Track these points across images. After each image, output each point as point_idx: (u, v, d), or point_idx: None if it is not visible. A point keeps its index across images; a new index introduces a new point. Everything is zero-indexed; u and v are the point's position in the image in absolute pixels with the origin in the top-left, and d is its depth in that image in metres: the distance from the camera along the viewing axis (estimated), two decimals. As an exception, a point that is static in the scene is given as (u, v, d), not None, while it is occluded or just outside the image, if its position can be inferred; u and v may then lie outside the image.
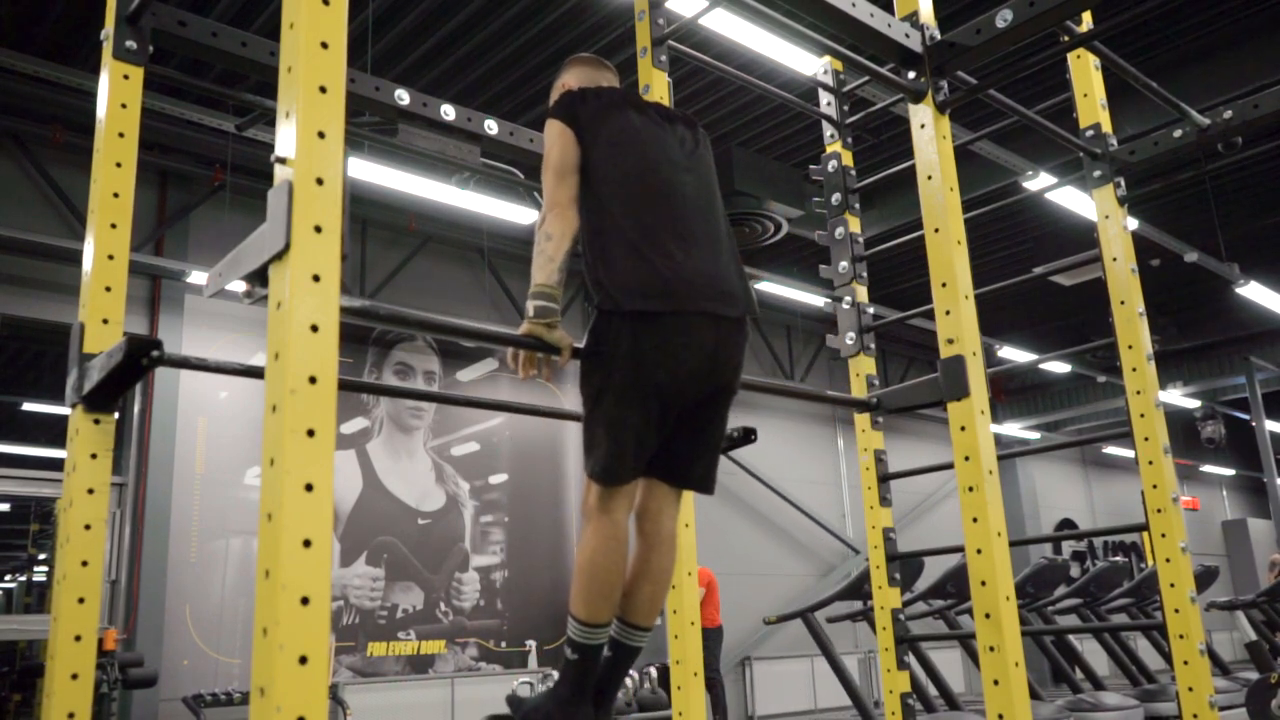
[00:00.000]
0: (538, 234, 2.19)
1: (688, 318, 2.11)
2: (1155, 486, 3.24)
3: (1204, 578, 6.66)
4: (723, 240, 2.31)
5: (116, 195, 2.18)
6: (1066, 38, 3.40)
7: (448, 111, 2.81)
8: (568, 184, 2.21)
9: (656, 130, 2.34)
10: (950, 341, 2.71)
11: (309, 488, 1.23)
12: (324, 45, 1.39)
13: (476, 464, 9.49)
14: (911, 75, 2.90)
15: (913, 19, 2.90)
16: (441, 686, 8.36)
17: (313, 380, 1.27)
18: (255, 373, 2.15)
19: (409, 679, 8.38)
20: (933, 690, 5.53)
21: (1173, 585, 3.15)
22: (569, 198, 2.20)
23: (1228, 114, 3.55)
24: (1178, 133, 3.64)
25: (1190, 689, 3.08)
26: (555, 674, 6.35)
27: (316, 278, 1.32)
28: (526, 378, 2.24)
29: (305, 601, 1.19)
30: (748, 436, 2.77)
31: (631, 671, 5.79)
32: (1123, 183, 3.56)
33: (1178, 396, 14.09)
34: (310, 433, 1.25)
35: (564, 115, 2.29)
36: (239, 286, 1.53)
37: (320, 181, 1.35)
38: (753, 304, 2.30)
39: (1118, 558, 16.19)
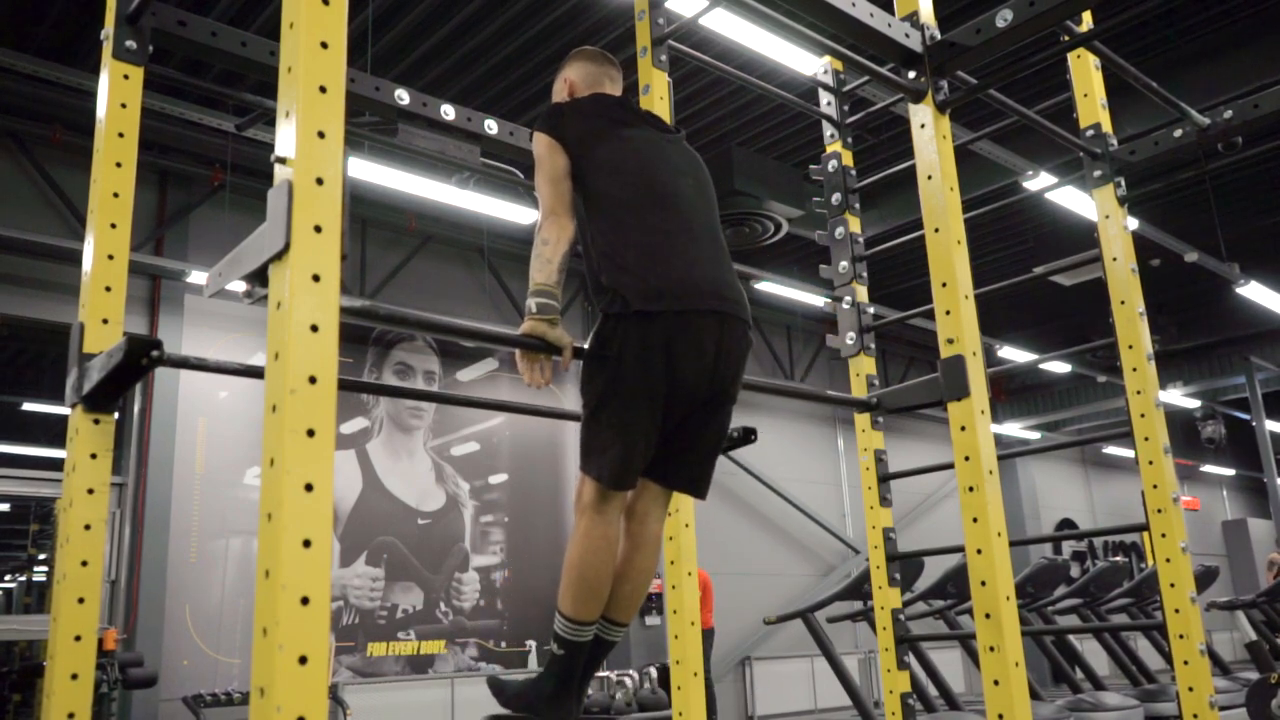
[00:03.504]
0: (536, 240, 2.20)
1: (696, 316, 2.13)
2: (1155, 486, 3.24)
3: (1204, 578, 6.66)
4: (723, 245, 2.34)
5: (116, 195, 2.18)
6: (1066, 37, 3.40)
7: (448, 111, 2.81)
8: (561, 191, 2.23)
9: (652, 136, 2.38)
10: (950, 341, 2.71)
11: (309, 488, 1.23)
12: (324, 45, 1.39)
13: (476, 464, 9.49)
14: (911, 75, 2.90)
15: (913, 19, 2.90)
16: (441, 686, 8.36)
17: (313, 380, 1.27)
18: (255, 373, 2.15)
19: (409, 679, 8.38)
20: (933, 690, 5.53)
21: (1173, 585, 3.15)
22: (563, 205, 2.22)
23: (1228, 114, 3.55)
24: (1178, 133, 3.64)
25: (1190, 689, 3.08)
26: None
27: (316, 278, 1.32)
28: (536, 385, 2.24)
29: (305, 601, 1.19)
30: (747, 436, 2.77)
31: (631, 671, 5.79)
32: (1123, 183, 3.56)
33: (1178, 396, 14.09)
34: (310, 433, 1.25)
35: (549, 128, 2.31)
36: (239, 286, 1.53)
37: (320, 181, 1.35)
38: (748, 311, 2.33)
39: (1118, 558, 16.19)
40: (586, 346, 2.19)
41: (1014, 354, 12.06)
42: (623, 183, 2.25)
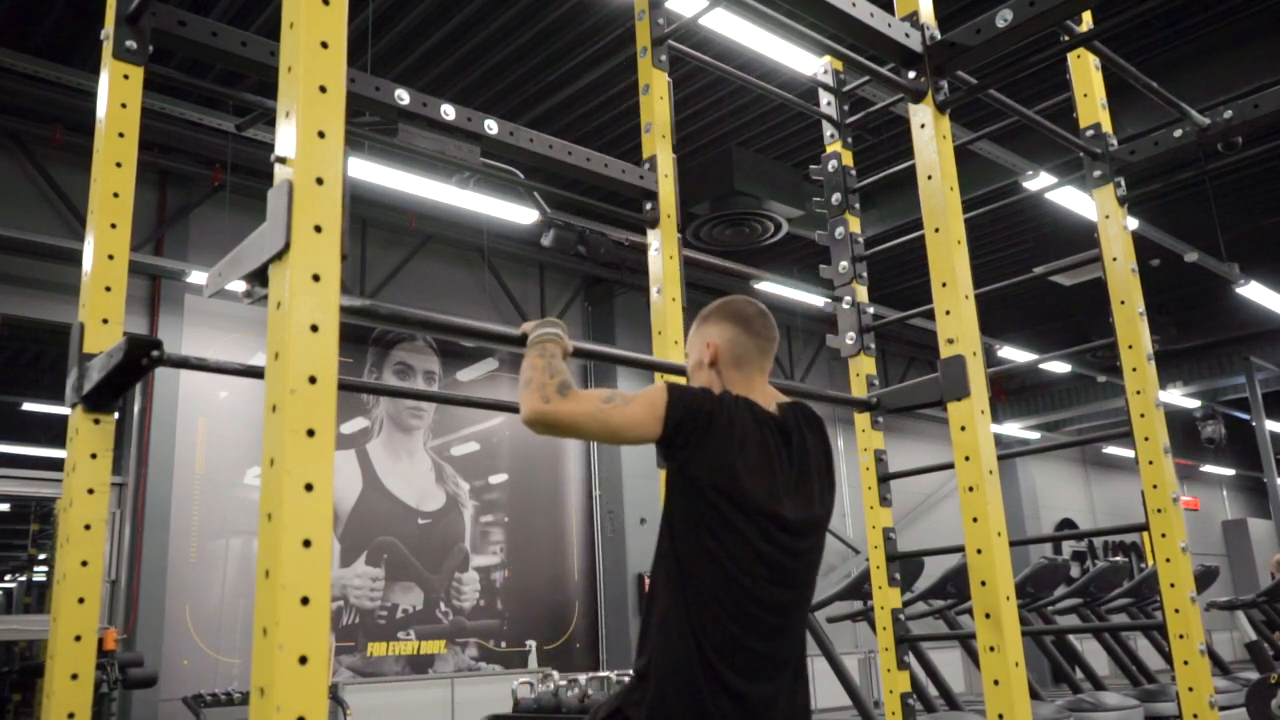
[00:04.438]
0: (547, 408, 1.82)
1: None
2: (1155, 486, 3.24)
3: (1204, 578, 6.66)
4: (797, 656, 1.93)
5: (116, 195, 2.18)
6: (1066, 37, 3.40)
7: (448, 111, 2.80)
8: (616, 423, 1.81)
9: (785, 491, 1.90)
10: (950, 341, 2.71)
11: (309, 488, 1.23)
12: (324, 45, 1.39)
13: (476, 464, 9.49)
14: (911, 75, 2.90)
15: (913, 19, 2.90)
16: (441, 686, 8.36)
17: (313, 380, 1.27)
18: (255, 373, 2.15)
19: (409, 679, 8.38)
20: (933, 690, 5.53)
21: (1173, 585, 3.15)
22: (610, 429, 1.82)
23: (1228, 114, 3.54)
24: (1178, 133, 3.63)
25: (1190, 689, 3.08)
26: (555, 674, 6.35)
27: (316, 277, 1.32)
28: None
29: (305, 601, 1.19)
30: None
31: (631, 671, 5.79)
32: (1123, 183, 3.56)
33: (1178, 396, 14.09)
34: (310, 433, 1.25)
35: (699, 406, 1.84)
36: (239, 286, 1.53)
37: (320, 181, 1.35)
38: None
39: (1118, 558, 16.18)
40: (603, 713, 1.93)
41: (1014, 354, 12.05)
42: (727, 584, 1.81)
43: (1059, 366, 13.53)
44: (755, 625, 1.83)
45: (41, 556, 10.24)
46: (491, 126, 2.90)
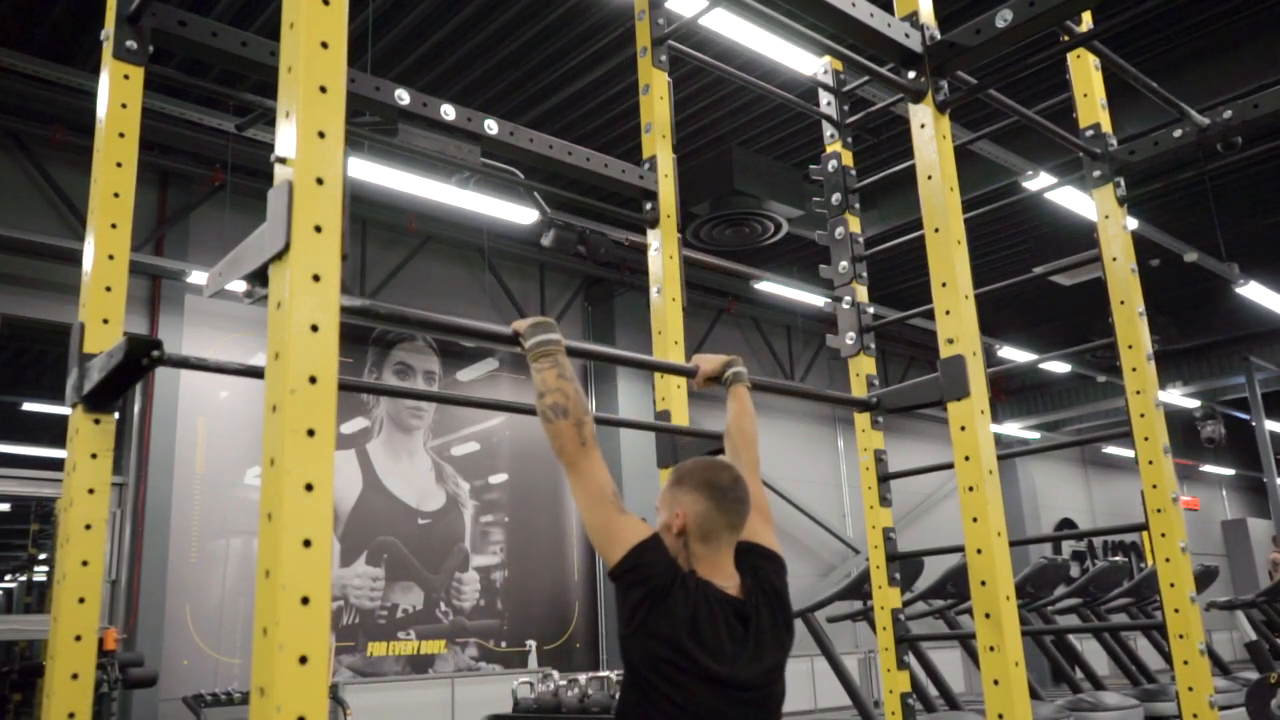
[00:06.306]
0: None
1: None
2: (1155, 486, 3.24)
3: (1204, 577, 6.66)
4: None
5: (117, 195, 2.18)
6: (1066, 37, 3.40)
7: (448, 111, 2.80)
8: (602, 518, 1.99)
9: (737, 662, 1.91)
10: (950, 341, 2.71)
11: (309, 488, 1.23)
12: (324, 45, 1.39)
13: (476, 464, 9.48)
14: (911, 75, 2.90)
15: (913, 19, 2.90)
16: (441, 686, 8.36)
17: (313, 380, 1.27)
18: (255, 373, 2.15)
19: (409, 679, 8.38)
20: (933, 690, 5.53)
21: (1172, 585, 3.15)
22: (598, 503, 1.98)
23: (1228, 114, 3.55)
24: (1178, 133, 3.63)
25: (1190, 689, 3.08)
26: (555, 674, 6.35)
27: (316, 277, 1.32)
28: None
29: (305, 601, 1.19)
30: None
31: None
32: (1123, 183, 3.56)
33: (1178, 396, 14.09)
34: (310, 433, 1.25)
35: (652, 573, 1.90)
36: (239, 286, 1.53)
37: (320, 181, 1.35)
38: None
39: (1118, 557, 16.19)
40: None
41: (1014, 354, 12.05)
42: None
43: (1059, 366, 13.53)
44: None
45: (42, 556, 10.24)
46: (491, 126, 2.90)
